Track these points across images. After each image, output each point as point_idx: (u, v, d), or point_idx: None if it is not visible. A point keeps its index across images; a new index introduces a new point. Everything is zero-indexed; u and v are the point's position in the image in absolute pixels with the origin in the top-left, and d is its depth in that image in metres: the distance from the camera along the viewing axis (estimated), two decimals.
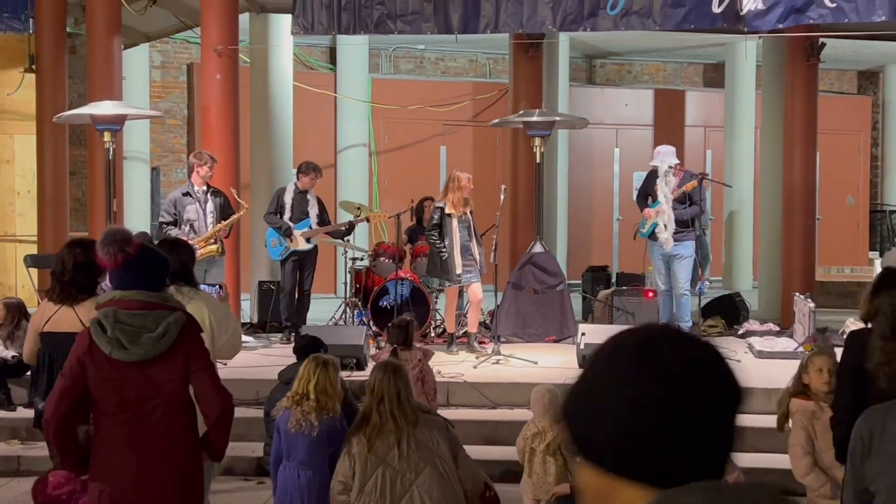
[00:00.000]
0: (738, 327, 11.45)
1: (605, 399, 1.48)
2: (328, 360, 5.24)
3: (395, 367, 4.81)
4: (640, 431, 1.44)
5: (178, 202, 10.04)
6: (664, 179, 10.16)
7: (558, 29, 10.50)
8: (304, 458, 5.13)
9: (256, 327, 11.53)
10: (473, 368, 9.18)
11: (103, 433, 4.03)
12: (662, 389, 1.44)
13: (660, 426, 1.43)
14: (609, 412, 1.46)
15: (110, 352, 3.91)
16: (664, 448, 1.43)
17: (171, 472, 4.03)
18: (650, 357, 1.46)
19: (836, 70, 19.62)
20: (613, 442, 1.46)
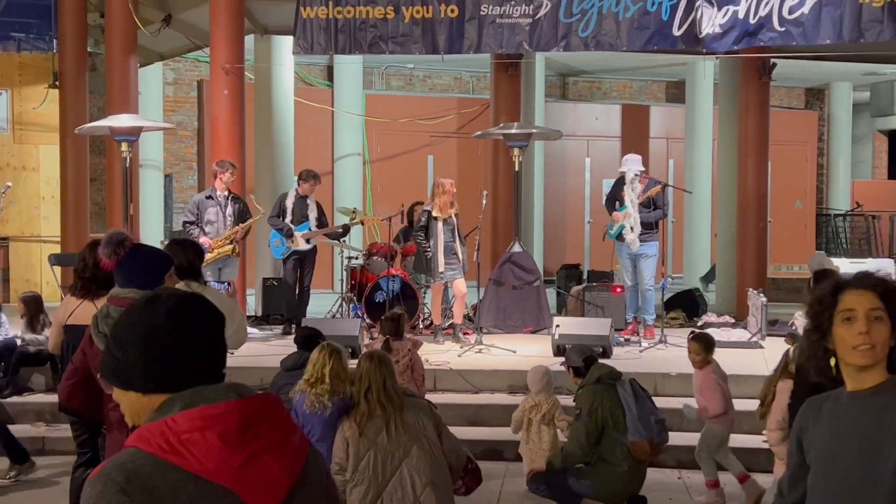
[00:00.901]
0: (697, 319, 11.48)
1: (129, 337, 1.82)
2: (339, 348, 5.26)
3: (379, 356, 4.81)
4: (157, 353, 1.79)
5: (200, 204, 10.05)
6: (631, 186, 10.17)
7: (534, 49, 10.51)
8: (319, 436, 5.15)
9: (261, 319, 11.52)
10: (458, 357, 9.18)
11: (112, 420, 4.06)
12: (168, 320, 1.80)
13: (170, 347, 1.80)
14: (133, 344, 1.81)
15: (98, 343, 3.93)
16: (174, 363, 1.79)
17: None
18: (155, 302, 1.84)
19: (785, 87, 19.70)
20: (141, 367, 1.80)
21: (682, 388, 8.26)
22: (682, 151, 17.20)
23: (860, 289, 2.53)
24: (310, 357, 5.23)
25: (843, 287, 2.57)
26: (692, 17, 9.74)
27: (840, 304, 2.54)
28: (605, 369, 6.03)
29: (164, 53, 14.27)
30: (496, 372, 8.61)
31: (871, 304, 2.49)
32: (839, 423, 2.54)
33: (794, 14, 9.60)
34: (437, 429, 4.67)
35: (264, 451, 1.74)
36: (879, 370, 2.51)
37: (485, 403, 8.16)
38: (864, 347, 2.48)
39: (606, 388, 5.87)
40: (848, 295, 2.54)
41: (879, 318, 2.49)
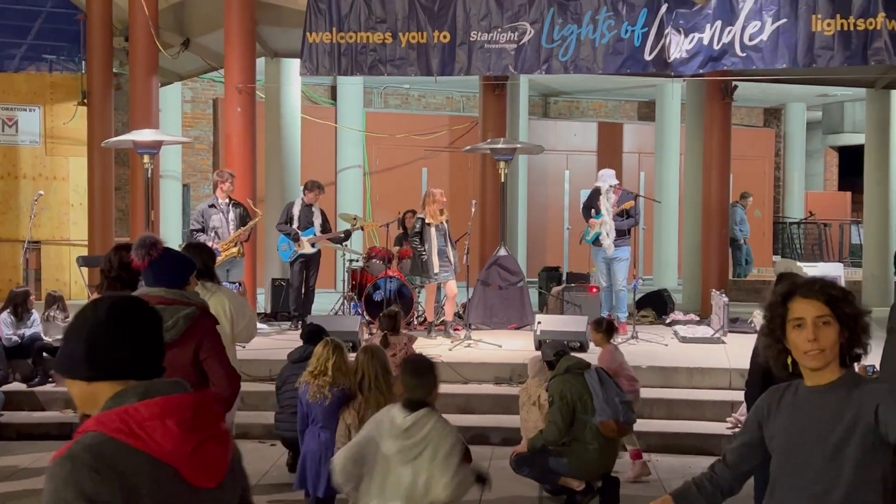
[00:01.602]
0: (665, 317, 11.50)
1: (76, 332, 1.90)
2: (340, 344, 5.27)
3: (373, 350, 4.83)
4: (97, 345, 1.87)
5: (205, 213, 10.03)
6: (606, 196, 10.19)
7: (519, 72, 10.53)
8: (322, 422, 5.18)
9: (269, 316, 11.49)
10: (449, 350, 9.19)
11: None
12: (107, 318, 1.88)
13: (108, 340, 1.88)
14: (78, 338, 1.88)
15: None
16: (112, 354, 1.87)
17: None
18: (99, 303, 1.92)
19: (745, 107, 19.76)
20: (86, 357, 1.87)
21: (652, 380, 8.29)
22: (653, 165, 17.23)
23: (807, 298, 2.50)
24: (314, 351, 5.24)
25: (791, 295, 2.53)
26: (662, 43, 9.77)
27: (790, 311, 2.52)
28: (572, 360, 6.10)
29: (183, 74, 14.26)
30: (483, 364, 8.62)
31: (818, 311, 2.47)
32: (799, 414, 2.52)
33: (754, 41, 9.65)
34: None
35: (211, 438, 1.87)
36: (833, 368, 2.50)
37: (473, 393, 8.16)
38: (814, 352, 2.46)
39: (574, 376, 5.95)
40: (796, 303, 2.51)
41: (827, 322, 2.47)
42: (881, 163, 14.18)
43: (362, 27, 10.22)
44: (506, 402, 7.86)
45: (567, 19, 9.98)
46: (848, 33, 9.41)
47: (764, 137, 19.73)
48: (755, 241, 18.73)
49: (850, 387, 2.47)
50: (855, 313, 2.49)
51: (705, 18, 9.67)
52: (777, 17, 9.55)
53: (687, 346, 9.65)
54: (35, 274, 13.58)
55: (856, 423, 2.42)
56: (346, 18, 10.20)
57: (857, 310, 2.50)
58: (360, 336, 9.10)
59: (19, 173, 13.86)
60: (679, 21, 9.72)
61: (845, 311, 2.48)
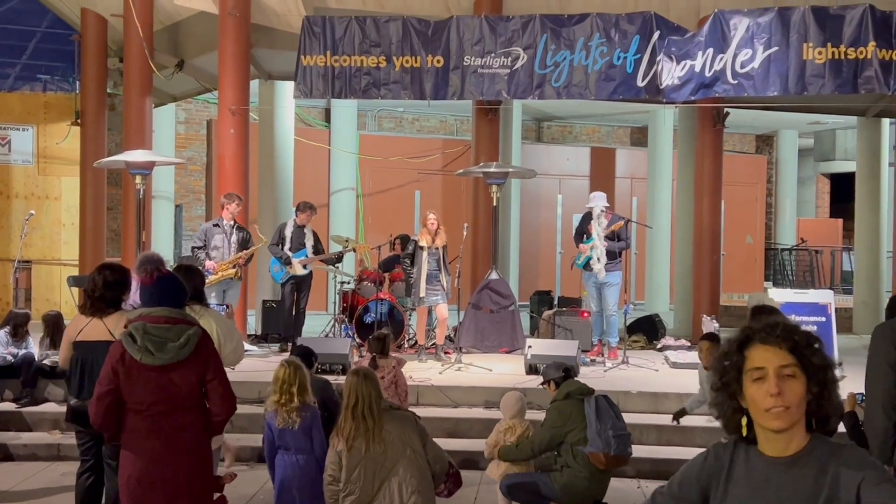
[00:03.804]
0: (656, 342, 11.49)
1: None
2: (296, 361, 5.25)
3: (365, 372, 4.78)
4: None
5: (208, 231, 10.06)
6: (597, 221, 10.20)
7: (512, 97, 10.58)
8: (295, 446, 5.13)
9: (260, 338, 11.46)
10: (439, 374, 9.16)
11: (130, 426, 4.02)
12: None
13: None
14: None
15: (140, 357, 3.91)
16: None
17: (187, 455, 4.04)
18: None
19: (738, 133, 19.86)
20: None
21: (642, 405, 8.26)
22: (645, 190, 17.28)
23: (767, 344, 2.08)
24: (275, 375, 5.19)
25: (749, 341, 2.12)
26: (654, 70, 9.83)
27: (748, 361, 2.10)
28: (574, 385, 6.05)
29: (177, 95, 14.29)
30: (474, 388, 8.59)
31: (782, 360, 2.06)
32: (761, 494, 2.09)
33: (746, 68, 9.70)
34: (421, 439, 4.65)
35: None
36: (798, 432, 2.08)
37: (463, 417, 8.13)
38: (778, 410, 2.04)
39: (574, 403, 5.90)
40: (755, 351, 2.10)
41: (792, 375, 2.05)
42: (872, 190, 14.25)
43: (356, 51, 10.26)
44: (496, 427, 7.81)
45: (560, 45, 10.04)
46: (839, 62, 9.48)
47: (756, 164, 19.82)
48: (746, 266, 18.77)
49: (821, 459, 2.05)
50: (823, 365, 2.08)
51: (697, 46, 9.74)
52: (769, 45, 9.62)
53: (678, 371, 9.64)
54: (25, 293, 13.53)
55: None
56: (341, 42, 10.24)
57: (826, 361, 2.10)
58: (350, 358, 9.07)
59: (11, 193, 13.83)
60: (671, 48, 9.79)
61: (812, 362, 2.07)
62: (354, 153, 16.41)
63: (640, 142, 19.23)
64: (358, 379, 4.67)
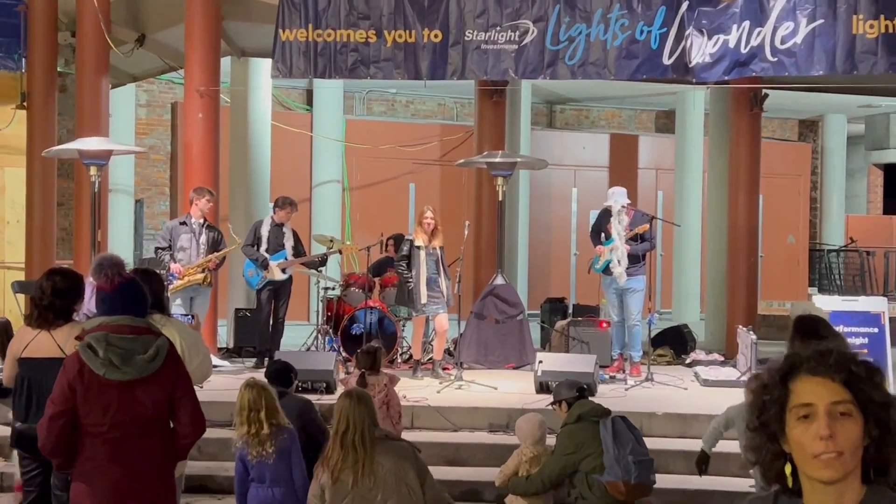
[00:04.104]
0: (685, 357, 11.49)
1: None
2: (258, 382, 5.25)
3: (359, 395, 4.77)
4: None
5: (174, 230, 10.06)
6: (617, 218, 10.20)
7: (520, 77, 10.57)
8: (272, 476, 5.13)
9: (232, 352, 11.45)
10: (437, 393, 9.15)
11: (87, 452, 4.00)
12: None
13: None
14: None
15: (104, 372, 3.89)
16: None
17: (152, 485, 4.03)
18: None
19: (778, 118, 19.87)
20: None
21: (669, 428, 8.26)
22: (672, 183, 17.28)
23: (818, 375, 1.94)
24: (238, 401, 5.19)
25: (795, 371, 1.97)
26: (682, 46, 9.82)
27: (793, 395, 1.96)
28: (587, 406, 6.04)
29: (137, 75, 14.28)
30: (476, 409, 8.57)
31: (834, 395, 1.92)
32: None
33: (787, 44, 9.69)
34: (420, 477, 4.63)
35: None
36: (852, 483, 1.94)
37: (464, 442, 8.12)
38: (829, 456, 1.90)
39: (588, 426, 5.89)
40: (803, 384, 1.95)
41: (846, 413, 1.92)
42: None
43: (342, 24, 10.26)
44: (501, 453, 7.79)
45: (575, 18, 10.03)
46: (893, 36, 9.47)
47: (798, 153, 19.83)
48: (787, 270, 18.78)
49: None
50: (885, 402, 1.94)
51: (731, 18, 9.74)
52: (813, 18, 9.62)
53: (709, 389, 9.64)
54: None
55: None
56: (324, 14, 10.24)
57: (889, 398, 1.95)
58: (335, 375, 9.07)
59: None
60: (702, 21, 9.78)
61: (872, 398, 1.93)
62: (340, 141, 16.41)
63: (666, 128, 19.22)
64: (350, 402, 4.65)
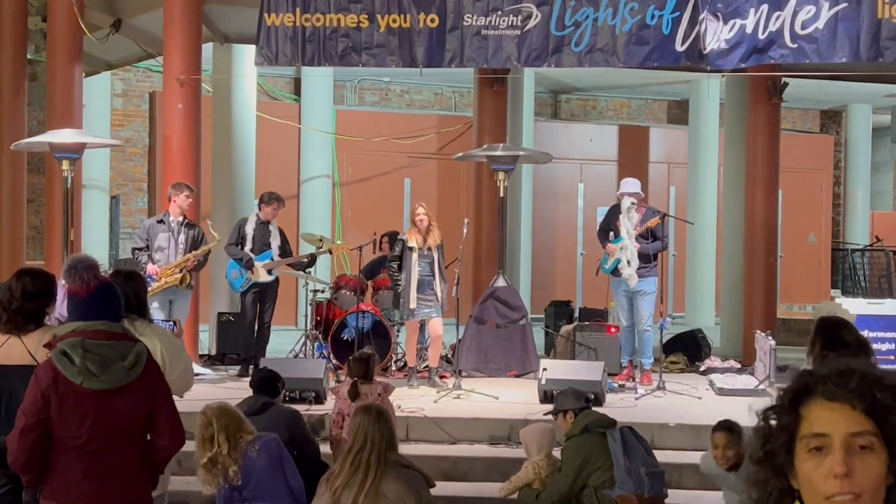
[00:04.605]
0: (699, 364, 11.48)
1: None
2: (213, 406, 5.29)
3: (378, 411, 4.78)
4: None
5: (151, 229, 10.06)
6: (627, 215, 10.19)
7: (523, 65, 10.58)
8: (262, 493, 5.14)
9: (214, 359, 11.46)
10: (434, 403, 9.15)
11: (60, 466, 4.00)
12: None
13: None
14: None
15: (81, 381, 3.90)
16: None
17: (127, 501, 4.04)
18: None
19: (798, 109, 19.88)
20: None
21: (682, 440, 8.26)
22: (685, 178, 17.29)
23: (835, 400, 1.75)
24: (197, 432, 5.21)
25: (808, 394, 1.78)
26: (696, 31, 9.83)
27: (805, 423, 1.77)
28: (592, 417, 6.06)
29: (113, 62, 14.27)
30: (476, 420, 8.58)
31: (854, 424, 1.73)
32: None
33: (808, 29, 9.71)
34: None
35: None
36: None
37: (463, 455, 8.12)
38: (844, 498, 1.71)
39: (594, 438, 5.89)
40: (817, 409, 1.76)
41: (867, 447, 1.72)
42: None
43: (332, 7, 10.27)
44: (503, 467, 7.81)
45: (581, 1, 10.05)
46: None
47: (820, 146, 19.85)
48: (808, 271, 18.79)
49: None
50: None
51: (749, 1, 9.75)
52: (836, 1, 9.63)
53: (725, 399, 9.63)
54: None
55: None
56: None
57: None
58: (325, 384, 9.07)
59: None
60: (717, 4, 9.80)
61: None
62: (330, 133, 16.41)
63: (678, 119, 19.23)
64: (370, 419, 4.68)
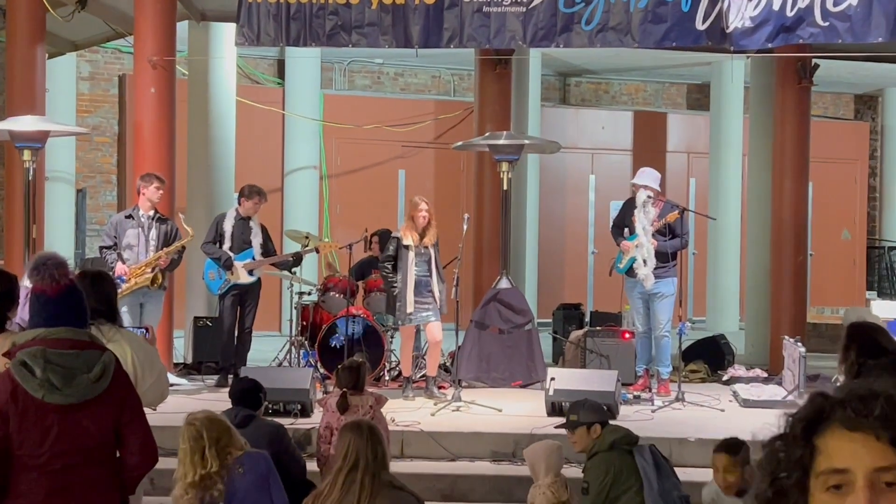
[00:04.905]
0: (722, 373, 11.49)
1: None
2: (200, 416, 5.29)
3: (370, 428, 4.80)
4: None
5: (119, 225, 10.03)
6: (643, 210, 10.19)
7: (529, 45, 10.58)
8: None
9: (191, 368, 11.45)
10: (431, 416, 9.15)
11: (22, 487, 4.00)
12: None
13: None
14: None
15: (42, 395, 3.89)
16: None
17: None
18: None
19: (831, 93, 19.88)
20: None
21: (702, 458, 8.24)
22: (706, 169, 17.29)
23: (857, 430, 1.65)
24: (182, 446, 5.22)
25: (824, 422, 1.69)
26: (718, 8, 9.83)
27: (821, 456, 1.67)
28: (619, 432, 6.04)
29: (79, 42, 14.26)
30: (477, 435, 8.58)
31: (880, 458, 1.63)
32: None
33: (840, 6, 9.70)
34: None
35: None
36: None
37: (463, 474, 8.12)
38: None
39: (622, 456, 5.88)
40: (835, 440, 1.66)
41: (895, 483, 1.63)
42: None
43: None
44: (507, 487, 7.82)
45: None
46: None
47: (855, 133, 19.86)
48: (842, 270, 18.80)
49: None
50: None
51: None
52: None
53: (750, 411, 9.64)
54: None
55: None
56: None
57: None
58: (312, 395, 9.07)
59: None
60: None
61: None
62: (317, 120, 16.41)
63: (699, 104, 19.23)
64: (362, 436, 4.70)
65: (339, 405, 6.87)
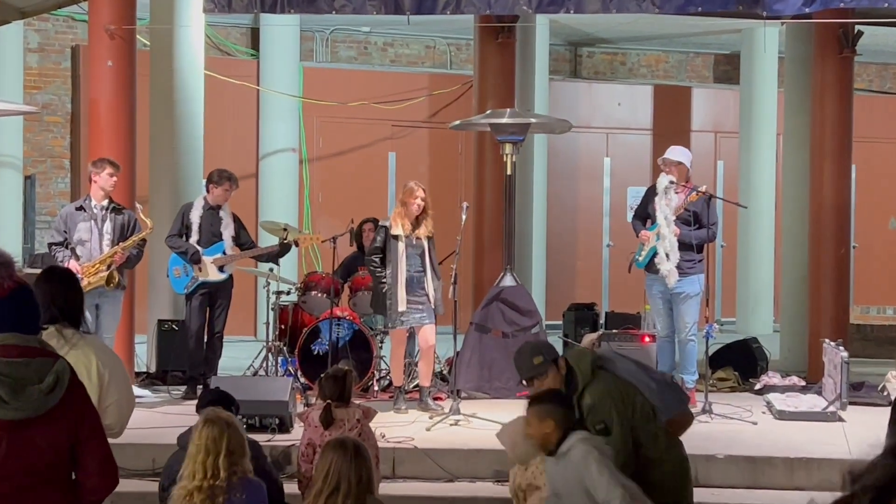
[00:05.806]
0: (754, 381, 11.51)
1: None
2: (221, 415, 5.27)
3: (356, 447, 4.81)
4: None
5: (69, 218, 9.98)
6: (664, 196, 10.18)
7: (535, 11, 10.57)
8: None
9: (154, 378, 11.45)
10: (426, 431, 9.17)
11: None
12: None
13: None
14: None
15: None
16: None
17: None
18: None
19: (875, 64, 19.88)
20: None
21: (735, 476, 8.28)
22: (736, 150, 17.30)
23: None
24: (190, 447, 5.21)
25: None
26: None
27: None
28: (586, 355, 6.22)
29: (26, 9, 14.23)
30: (478, 452, 8.58)
31: None
32: None
33: None
34: None
35: None
36: None
37: (462, 496, 8.14)
38: None
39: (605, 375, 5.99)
40: None
41: None
42: None
43: None
44: None
45: None
46: None
47: None
48: (889, 265, 18.80)
49: None
50: None
51: None
52: None
53: (786, 424, 9.66)
54: None
55: None
56: None
57: None
58: (292, 408, 9.07)
59: None
60: None
61: None
62: (296, 96, 16.40)
63: (727, 77, 19.23)
64: (345, 456, 4.73)
65: (323, 419, 6.86)
